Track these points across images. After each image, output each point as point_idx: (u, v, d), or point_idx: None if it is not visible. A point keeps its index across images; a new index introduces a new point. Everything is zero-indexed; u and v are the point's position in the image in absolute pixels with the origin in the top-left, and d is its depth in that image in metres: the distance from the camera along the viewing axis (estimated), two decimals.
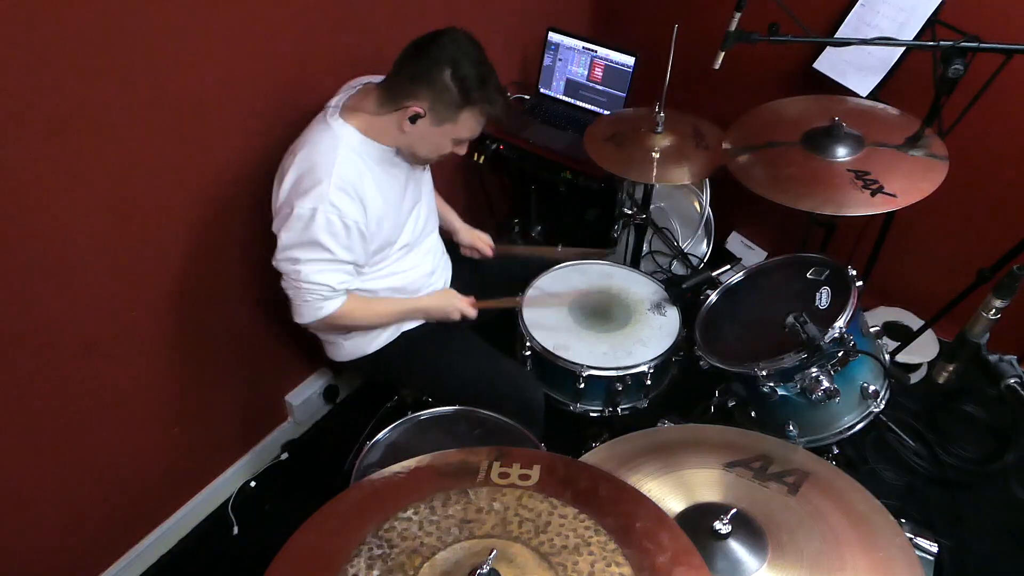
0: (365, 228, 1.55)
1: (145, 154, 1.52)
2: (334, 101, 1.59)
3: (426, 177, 1.82)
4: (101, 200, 1.48)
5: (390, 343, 1.79)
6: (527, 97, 2.61)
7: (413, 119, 1.51)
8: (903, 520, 1.15)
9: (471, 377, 1.77)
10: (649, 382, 1.77)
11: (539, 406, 1.76)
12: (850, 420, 1.62)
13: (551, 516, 0.97)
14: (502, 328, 1.92)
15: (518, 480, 1.03)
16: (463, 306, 1.78)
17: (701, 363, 1.72)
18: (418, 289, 1.81)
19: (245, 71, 1.65)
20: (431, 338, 1.81)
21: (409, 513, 0.98)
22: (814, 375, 1.54)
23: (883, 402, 1.63)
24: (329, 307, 1.58)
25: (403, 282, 1.76)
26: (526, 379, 1.78)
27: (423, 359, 1.80)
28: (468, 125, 1.56)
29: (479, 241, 2.01)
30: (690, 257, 2.65)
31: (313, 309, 1.57)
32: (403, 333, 1.80)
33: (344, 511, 1.02)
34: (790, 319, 1.55)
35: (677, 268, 2.65)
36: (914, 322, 2.45)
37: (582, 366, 1.72)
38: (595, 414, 1.82)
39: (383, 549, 0.94)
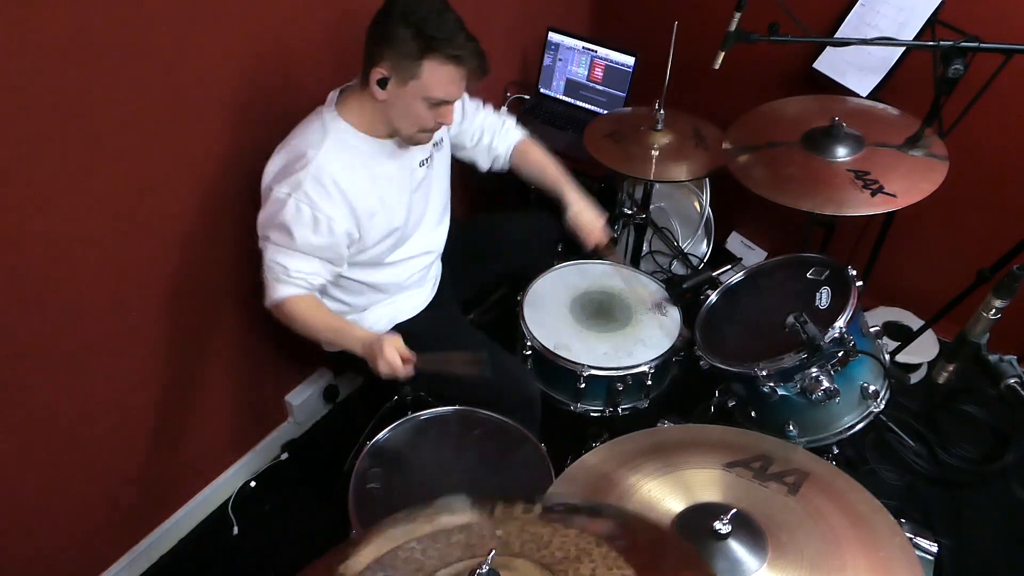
0: (342, 225, 1.52)
1: (144, 155, 1.52)
2: (332, 94, 1.60)
3: (436, 175, 1.79)
4: (100, 201, 1.48)
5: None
6: (527, 97, 2.61)
7: (381, 84, 1.46)
8: (903, 520, 1.15)
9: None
10: (650, 382, 1.77)
11: (537, 402, 1.76)
12: (850, 420, 1.62)
13: (553, 536, 0.97)
14: (502, 328, 1.92)
15: (521, 514, 1.02)
16: (391, 360, 1.52)
17: (701, 363, 1.72)
18: (400, 286, 1.79)
19: (242, 72, 1.65)
20: (426, 332, 1.80)
21: (412, 544, 0.98)
22: (814, 375, 1.53)
23: (883, 402, 1.63)
24: (283, 291, 1.55)
25: (385, 278, 1.75)
26: (524, 374, 1.77)
27: (418, 353, 1.79)
28: (436, 78, 1.44)
29: (589, 232, 1.83)
30: (690, 257, 2.65)
31: (272, 289, 1.56)
32: (396, 326, 1.79)
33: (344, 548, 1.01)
34: (790, 319, 1.55)
35: (677, 268, 2.65)
36: (914, 322, 2.45)
37: (583, 366, 1.72)
38: (595, 414, 1.82)
39: (385, 571, 0.94)
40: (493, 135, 1.91)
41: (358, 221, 1.57)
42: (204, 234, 1.73)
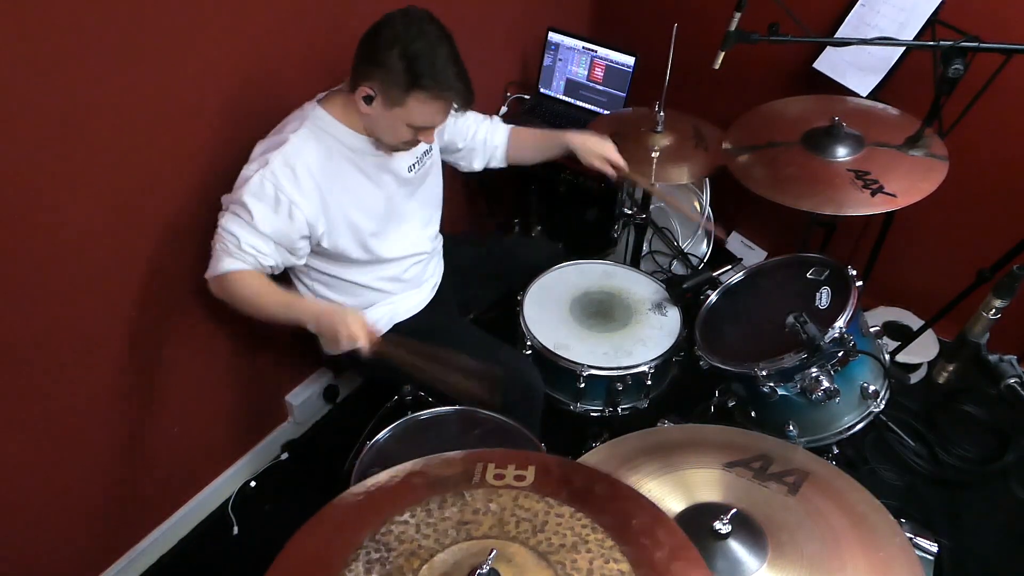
0: (303, 211, 1.50)
1: (144, 154, 1.52)
2: (320, 94, 1.60)
3: (427, 179, 1.79)
4: (100, 200, 1.48)
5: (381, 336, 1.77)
6: (527, 97, 2.61)
7: (367, 100, 1.47)
8: (903, 520, 1.15)
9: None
10: (649, 382, 1.77)
11: (539, 393, 1.75)
12: (850, 420, 1.62)
13: (547, 516, 0.97)
14: (502, 327, 1.92)
15: (513, 481, 1.03)
16: (355, 331, 1.45)
17: (701, 363, 1.72)
18: (395, 281, 1.78)
19: (241, 72, 1.65)
20: (423, 329, 1.80)
21: (406, 516, 0.98)
22: (814, 375, 1.54)
23: (883, 402, 1.63)
24: (229, 264, 1.49)
25: (376, 275, 1.74)
26: (525, 365, 1.76)
27: (416, 342, 1.78)
28: (419, 111, 1.46)
29: (600, 160, 1.86)
30: (690, 257, 2.65)
31: (217, 260, 1.51)
32: (394, 325, 1.79)
33: (339, 517, 1.02)
34: (790, 319, 1.55)
35: (677, 268, 2.65)
36: (914, 322, 2.45)
37: (583, 366, 1.72)
38: (595, 414, 1.82)
39: (381, 552, 0.93)
40: (487, 131, 1.92)
41: (325, 208, 1.55)
42: (203, 235, 1.73)
